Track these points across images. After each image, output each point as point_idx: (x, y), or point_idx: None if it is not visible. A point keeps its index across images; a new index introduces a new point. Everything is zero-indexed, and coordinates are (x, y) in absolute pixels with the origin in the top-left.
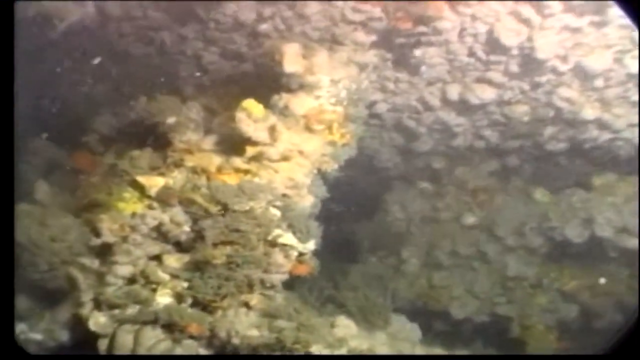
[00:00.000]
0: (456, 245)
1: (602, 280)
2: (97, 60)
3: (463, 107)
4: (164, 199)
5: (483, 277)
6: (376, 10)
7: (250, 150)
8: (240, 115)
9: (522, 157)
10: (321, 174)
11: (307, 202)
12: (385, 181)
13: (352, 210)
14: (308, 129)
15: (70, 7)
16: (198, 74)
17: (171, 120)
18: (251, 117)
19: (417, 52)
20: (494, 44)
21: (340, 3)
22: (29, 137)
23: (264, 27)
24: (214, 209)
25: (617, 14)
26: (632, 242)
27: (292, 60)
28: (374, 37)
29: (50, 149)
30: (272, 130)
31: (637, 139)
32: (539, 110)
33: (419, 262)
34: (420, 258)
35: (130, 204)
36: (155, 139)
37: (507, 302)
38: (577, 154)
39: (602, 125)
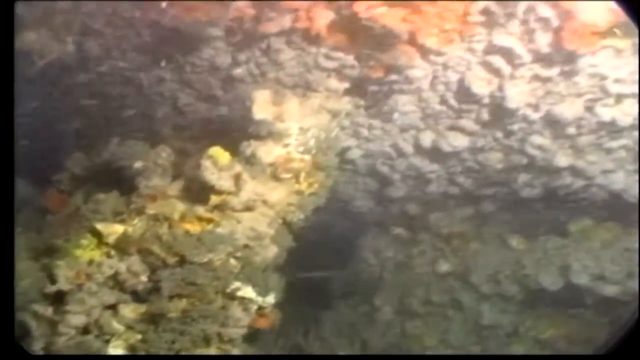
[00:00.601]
0: (430, 293)
1: None
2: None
3: (436, 154)
4: (122, 247)
5: (457, 326)
6: (349, 58)
7: (214, 199)
8: (205, 163)
9: (497, 204)
10: (287, 224)
11: (269, 253)
12: (359, 226)
13: (324, 256)
14: (275, 177)
15: (50, 45)
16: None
17: (138, 164)
18: (217, 165)
19: (390, 100)
20: (465, 93)
21: (313, 50)
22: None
23: (238, 71)
24: (171, 259)
25: (587, 63)
26: (609, 290)
27: (261, 107)
28: (347, 84)
29: (22, 186)
30: (236, 178)
31: (611, 185)
32: (513, 158)
33: (392, 309)
34: (393, 306)
35: (87, 251)
36: (121, 183)
37: (482, 351)
38: (552, 200)
39: (575, 172)
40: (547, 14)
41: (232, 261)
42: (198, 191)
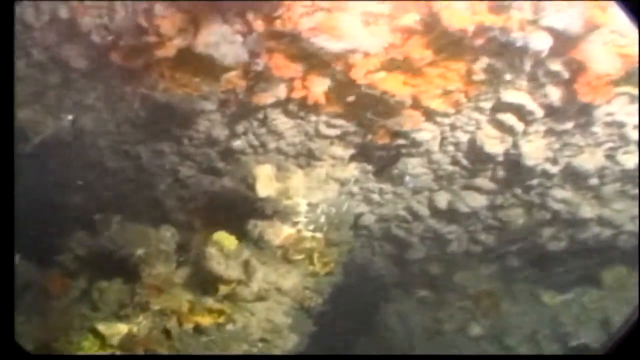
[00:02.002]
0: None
1: None
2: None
3: (454, 214)
4: (128, 348)
5: None
6: (350, 125)
7: (223, 289)
8: (210, 251)
9: (523, 259)
10: (304, 309)
11: (289, 343)
12: (381, 290)
13: (347, 327)
14: (286, 260)
15: (44, 121)
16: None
17: (140, 251)
18: (223, 251)
19: (399, 164)
20: (477, 152)
21: (313, 118)
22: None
23: (237, 143)
24: None
25: (603, 113)
26: None
27: (265, 184)
28: (352, 151)
29: (25, 267)
30: (245, 265)
31: None
32: (534, 213)
33: None
34: None
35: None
36: (124, 268)
37: None
38: (581, 252)
39: (603, 221)
40: (556, 68)
41: None
42: (205, 279)
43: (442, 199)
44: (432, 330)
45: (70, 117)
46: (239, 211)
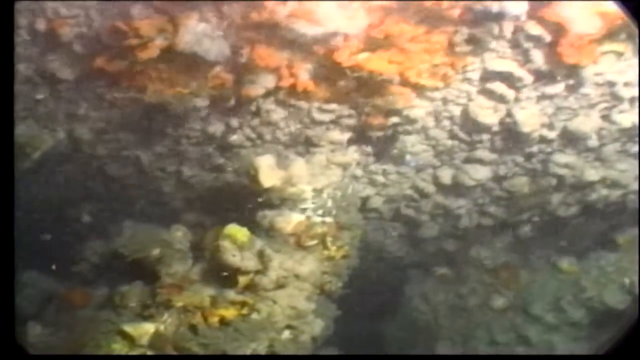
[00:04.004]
0: (493, 332)
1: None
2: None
3: (460, 188)
4: (157, 347)
5: None
6: (343, 108)
7: (242, 280)
8: (224, 244)
9: (535, 228)
10: (326, 293)
11: (316, 328)
12: (399, 270)
13: (372, 311)
14: (300, 246)
15: (40, 135)
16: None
17: (155, 252)
18: (236, 243)
19: (398, 143)
20: (473, 124)
21: (305, 105)
22: (20, 269)
23: (234, 138)
24: None
25: (591, 73)
26: None
27: (267, 174)
28: (349, 134)
29: (43, 281)
30: (260, 255)
31: None
32: (539, 180)
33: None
34: (458, 351)
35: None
36: (142, 271)
37: None
38: (592, 215)
39: (609, 183)
40: (536, 32)
41: (277, 346)
42: (223, 273)
43: (446, 174)
44: (456, 306)
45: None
46: (246, 204)
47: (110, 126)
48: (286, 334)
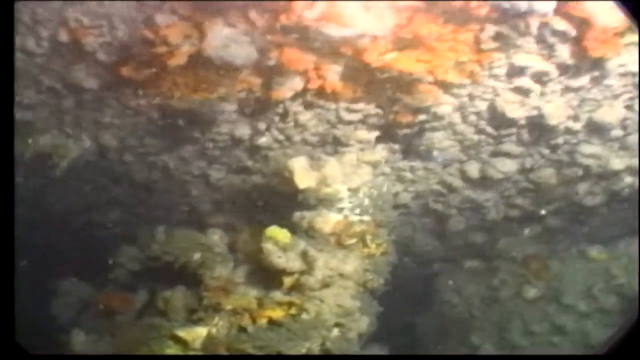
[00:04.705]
0: (527, 323)
1: None
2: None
3: (487, 181)
4: (210, 350)
5: (567, 352)
6: (371, 107)
7: (287, 281)
8: (267, 246)
9: (562, 218)
10: (368, 291)
11: (362, 325)
12: (429, 264)
13: (404, 306)
14: (340, 245)
15: (66, 144)
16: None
17: (197, 257)
18: (279, 245)
19: (424, 140)
20: (500, 119)
21: (332, 105)
22: (55, 277)
23: (263, 140)
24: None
25: (615, 64)
26: None
27: (302, 175)
28: (377, 133)
29: (79, 288)
30: (304, 256)
31: None
32: (565, 170)
33: (493, 347)
34: (493, 343)
35: None
36: (182, 275)
37: None
38: (618, 203)
39: (634, 171)
40: (562, 27)
41: (329, 344)
42: (266, 274)
43: (473, 168)
44: (489, 298)
45: (90, 137)
46: (278, 205)
47: (135, 133)
48: (335, 332)
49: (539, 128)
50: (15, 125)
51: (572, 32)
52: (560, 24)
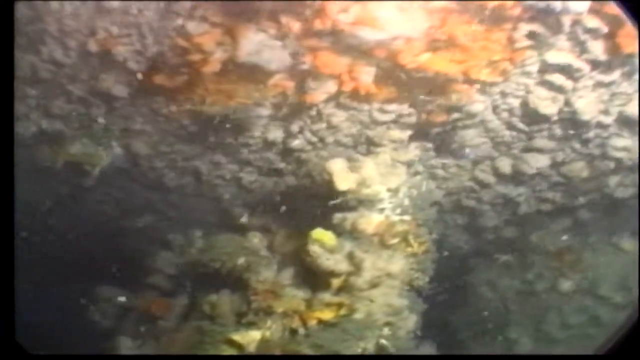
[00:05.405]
0: (564, 315)
1: None
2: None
3: (518, 176)
4: (265, 353)
5: None
6: (403, 107)
7: (335, 283)
8: (314, 249)
9: (594, 211)
10: (414, 289)
11: (410, 323)
12: (463, 261)
13: (445, 302)
14: (383, 245)
15: (96, 152)
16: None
17: (241, 260)
18: (325, 247)
19: (456, 137)
20: (532, 115)
21: (366, 107)
22: (91, 284)
23: (296, 142)
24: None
25: None
26: None
27: (342, 177)
28: (409, 132)
29: (117, 295)
30: (350, 257)
31: None
32: (597, 164)
33: (530, 340)
34: (530, 336)
35: None
36: (225, 280)
37: None
38: None
39: None
40: (594, 25)
41: (384, 341)
42: (311, 276)
43: (505, 164)
44: (524, 291)
45: (121, 145)
46: (313, 207)
47: (166, 139)
48: (385, 330)
49: (571, 123)
50: (45, 136)
51: (604, 29)
52: (593, 22)
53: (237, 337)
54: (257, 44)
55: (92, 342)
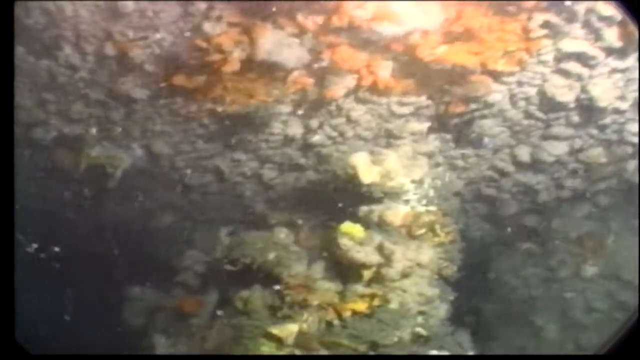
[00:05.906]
0: (589, 300)
1: None
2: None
3: (537, 164)
4: (303, 345)
5: None
6: (422, 99)
7: (366, 274)
8: (344, 242)
9: (613, 196)
10: (443, 278)
11: (441, 312)
12: (486, 249)
13: (471, 291)
14: (411, 236)
15: (117, 154)
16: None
17: (272, 255)
18: (354, 239)
19: (475, 127)
20: (549, 103)
21: (384, 100)
22: (120, 284)
23: (316, 138)
24: (362, 347)
25: None
26: None
27: (366, 170)
28: (428, 124)
29: (147, 293)
30: (380, 249)
31: None
32: (615, 149)
33: (557, 326)
34: (557, 322)
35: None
36: (255, 276)
37: None
38: None
39: None
40: (609, 13)
41: (420, 329)
42: (342, 269)
43: (524, 153)
44: (548, 278)
45: (142, 145)
46: (336, 200)
47: (187, 138)
48: (419, 319)
49: (588, 110)
50: (65, 140)
51: (618, 17)
52: (607, 10)
53: (275, 330)
54: (275, 42)
55: (125, 342)
